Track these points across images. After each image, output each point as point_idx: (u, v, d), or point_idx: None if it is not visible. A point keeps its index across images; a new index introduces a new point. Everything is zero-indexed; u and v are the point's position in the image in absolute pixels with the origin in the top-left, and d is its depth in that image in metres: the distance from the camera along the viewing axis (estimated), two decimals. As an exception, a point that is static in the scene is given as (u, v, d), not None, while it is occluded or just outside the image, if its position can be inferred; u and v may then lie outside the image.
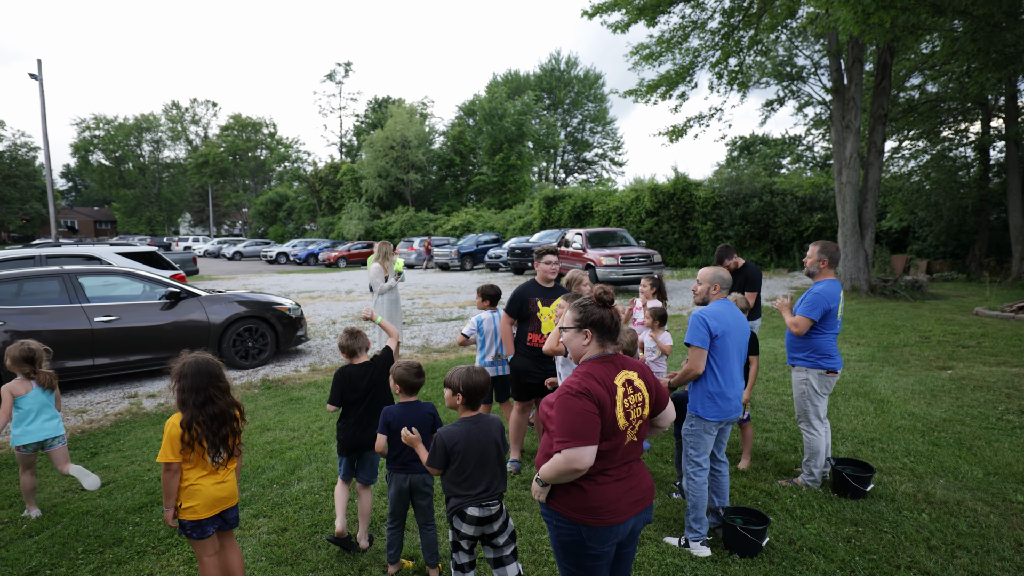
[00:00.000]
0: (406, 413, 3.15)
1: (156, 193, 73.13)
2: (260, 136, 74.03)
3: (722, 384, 3.42)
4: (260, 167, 73.68)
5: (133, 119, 72.79)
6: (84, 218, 78.99)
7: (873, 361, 7.88)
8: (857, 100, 14.07)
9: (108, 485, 4.48)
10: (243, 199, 72.57)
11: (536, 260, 4.72)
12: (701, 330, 3.42)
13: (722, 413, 3.43)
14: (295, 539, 3.63)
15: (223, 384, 2.81)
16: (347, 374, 3.55)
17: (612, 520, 2.16)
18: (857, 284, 14.44)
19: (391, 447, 3.14)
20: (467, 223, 37.15)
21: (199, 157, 68.41)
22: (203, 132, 77.93)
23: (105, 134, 70.98)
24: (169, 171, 75.38)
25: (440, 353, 9.10)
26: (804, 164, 31.32)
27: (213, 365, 2.81)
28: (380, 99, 59.89)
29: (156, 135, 74.48)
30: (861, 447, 4.90)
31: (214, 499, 2.74)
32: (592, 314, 2.27)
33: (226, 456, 2.79)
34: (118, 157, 72.00)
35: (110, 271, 7.94)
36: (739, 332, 3.50)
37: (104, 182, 72.56)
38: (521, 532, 3.63)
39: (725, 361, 3.44)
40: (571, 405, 2.09)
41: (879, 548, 3.36)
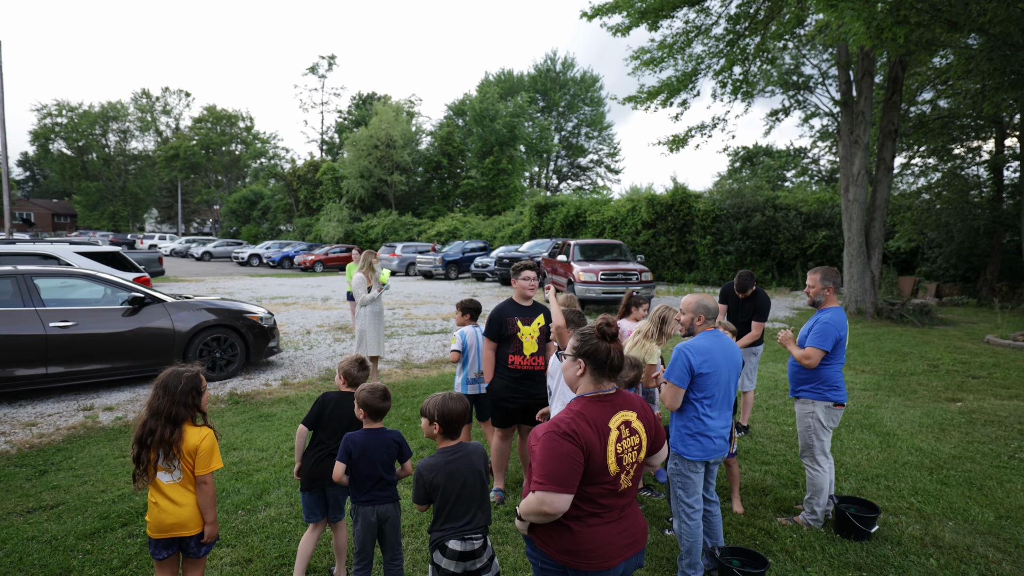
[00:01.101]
0: (370, 440, 3.10)
1: (121, 186, 72.34)
2: (235, 130, 73.84)
3: (706, 423, 3.41)
4: (234, 163, 73.36)
5: (99, 107, 72.18)
6: (41, 210, 78.00)
7: (879, 390, 7.95)
8: (866, 114, 14.30)
9: (58, 507, 4.38)
10: (215, 196, 72.12)
11: (513, 276, 4.63)
12: (679, 367, 3.41)
13: (705, 452, 3.42)
14: (260, 571, 3.56)
15: (175, 413, 2.76)
16: (330, 399, 3.49)
17: (601, 565, 2.15)
18: (863, 307, 14.59)
19: (353, 478, 3.09)
20: (453, 229, 37.16)
21: (169, 150, 67.95)
22: (174, 123, 77.56)
23: (68, 122, 70.17)
24: (136, 163, 74.69)
25: (421, 369, 9.05)
26: (809, 178, 31.76)
27: (187, 380, 2.82)
28: (365, 95, 60.03)
29: (123, 125, 73.84)
30: (865, 484, 4.92)
31: (157, 521, 2.77)
32: (588, 345, 2.26)
33: (151, 476, 2.76)
34: (81, 147, 71.16)
35: (69, 272, 7.83)
36: (728, 367, 3.46)
37: (65, 173, 71.61)
38: (504, 568, 3.59)
39: (710, 399, 3.42)
40: (554, 446, 2.07)
41: (884, 596, 3.36)
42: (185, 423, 2.80)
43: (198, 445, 2.78)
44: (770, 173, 35.59)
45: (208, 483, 2.82)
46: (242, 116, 74.52)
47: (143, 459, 2.75)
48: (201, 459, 2.79)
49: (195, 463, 2.79)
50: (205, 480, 2.81)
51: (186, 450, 2.77)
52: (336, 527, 3.58)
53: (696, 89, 17.06)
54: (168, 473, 2.77)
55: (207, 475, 2.81)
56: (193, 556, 2.88)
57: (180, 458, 2.77)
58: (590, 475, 2.11)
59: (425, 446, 5.54)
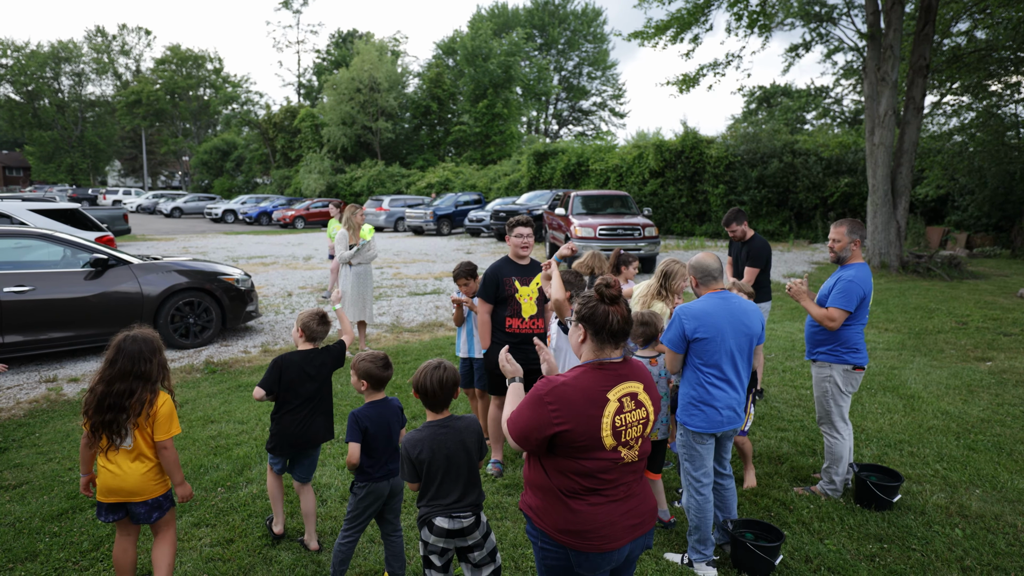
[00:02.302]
0: (380, 413, 3.11)
1: (79, 136, 70.97)
2: (203, 73, 72.22)
3: (710, 392, 3.37)
4: (203, 109, 72.02)
5: (48, 46, 70.17)
6: (-8, 164, 76.85)
7: (903, 350, 7.98)
8: (895, 49, 13.98)
9: (21, 487, 4.39)
10: (183, 146, 70.99)
11: (507, 233, 4.55)
12: (673, 331, 3.41)
13: (710, 424, 3.38)
14: (243, 552, 3.59)
15: (135, 369, 2.85)
16: (290, 361, 3.55)
17: (604, 546, 2.14)
18: (887, 260, 14.58)
19: (369, 455, 3.08)
20: (445, 180, 36.81)
21: (130, 95, 66.47)
22: (135, 66, 75.75)
23: (14, 63, 68.11)
24: (94, 110, 73.18)
25: (412, 333, 9.04)
26: (831, 120, 31.37)
27: (141, 344, 2.89)
28: (345, 33, 58.69)
29: (77, 67, 71.96)
30: (888, 450, 4.96)
31: (105, 486, 2.89)
32: (586, 308, 2.21)
33: (114, 443, 2.86)
34: (30, 91, 69.43)
35: (22, 232, 7.75)
36: (736, 334, 3.36)
37: (14, 121, 69.91)
38: (503, 545, 3.63)
39: (712, 367, 3.37)
40: (530, 410, 2.13)
41: (906, 568, 3.40)
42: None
43: (157, 410, 2.88)
44: (788, 115, 35.15)
45: (169, 447, 2.92)
46: (210, 57, 72.86)
47: (110, 421, 2.81)
48: (160, 424, 2.88)
49: (154, 429, 2.88)
50: (165, 445, 2.91)
51: (135, 414, 2.86)
52: (303, 490, 3.67)
53: (709, 23, 16.68)
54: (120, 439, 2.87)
55: (167, 440, 2.91)
56: (144, 522, 3.00)
57: (135, 425, 2.86)
58: (580, 448, 2.09)
59: (418, 416, 5.55)
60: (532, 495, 2.26)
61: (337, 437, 4.95)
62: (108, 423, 2.82)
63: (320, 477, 4.51)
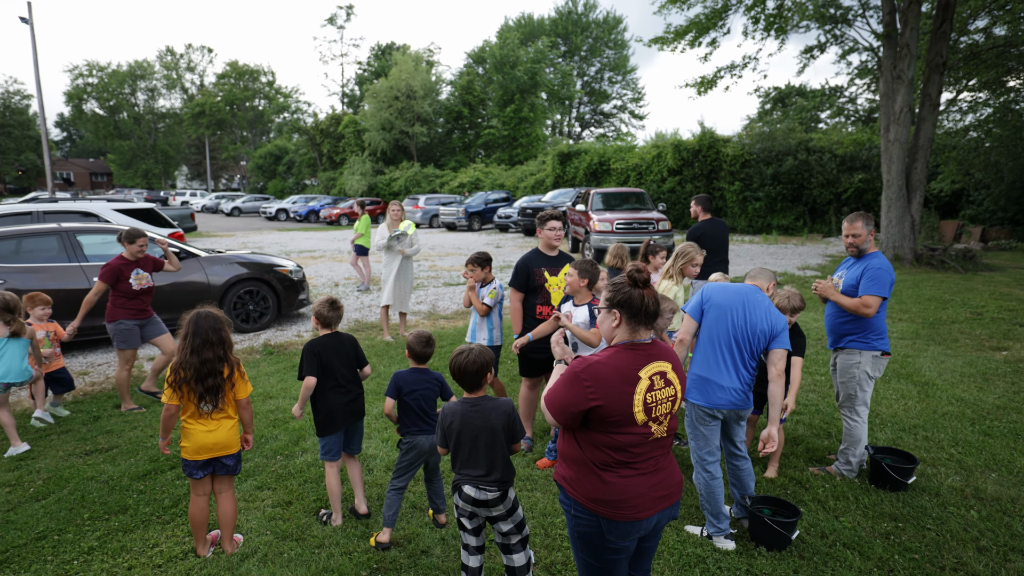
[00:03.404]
0: (417, 379, 3.38)
1: (152, 144, 72.93)
2: (258, 85, 73.36)
3: (711, 370, 3.31)
4: (258, 118, 73.19)
5: (127, 66, 72.12)
6: (80, 170, 79.41)
7: (917, 339, 7.72)
8: (912, 47, 13.44)
9: (112, 451, 4.60)
10: (241, 152, 72.35)
11: (539, 226, 4.58)
12: (694, 299, 3.51)
13: (708, 401, 3.30)
14: (300, 513, 3.68)
15: (214, 337, 3.09)
16: (322, 345, 3.56)
17: (634, 515, 2.13)
18: (900, 253, 14.11)
19: (402, 411, 3.37)
20: (475, 180, 36.76)
21: (195, 107, 68.00)
22: (199, 80, 77.32)
23: (99, 82, 70.42)
24: (165, 121, 74.99)
25: (447, 320, 9.07)
26: (845, 118, 30.41)
27: (214, 319, 3.14)
28: (383, 46, 58.89)
29: (151, 83, 73.85)
30: (902, 435, 4.80)
31: (200, 445, 3.14)
32: (620, 293, 2.17)
33: (211, 407, 3.13)
34: (112, 106, 71.66)
35: (108, 229, 7.96)
36: (740, 317, 3.29)
37: (99, 132, 72.42)
38: (533, 514, 3.63)
39: (707, 340, 3.35)
40: (567, 386, 2.12)
41: (921, 547, 3.29)
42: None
43: (235, 374, 3.20)
44: (803, 114, 34.17)
45: (248, 406, 3.30)
46: (264, 71, 73.85)
47: (213, 387, 3.09)
48: (239, 386, 3.22)
49: (236, 390, 3.21)
50: (246, 404, 3.28)
51: (228, 379, 3.18)
52: (351, 462, 3.78)
53: (726, 27, 16.27)
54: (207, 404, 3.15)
55: (246, 399, 3.26)
56: (230, 473, 3.27)
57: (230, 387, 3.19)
58: (613, 423, 2.08)
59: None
60: (566, 467, 2.25)
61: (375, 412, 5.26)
62: (210, 388, 3.09)
63: (367, 449, 4.56)
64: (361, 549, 3.30)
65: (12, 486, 4.04)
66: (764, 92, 35.24)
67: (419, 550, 3.29)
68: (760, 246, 18.72)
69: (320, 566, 3.14)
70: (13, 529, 3.51)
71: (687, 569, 3.13)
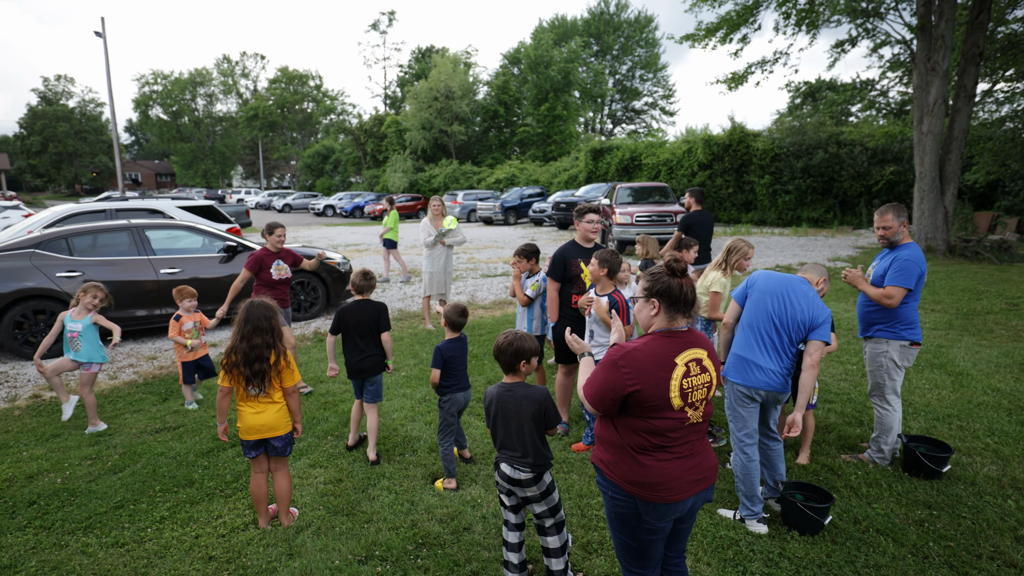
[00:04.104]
0: (454, 345, 3.80)
1: (210, 146, 75.08)
2: (307, 89, 74.44)
3: (747, 348, 3.30)
4: (307, 120, 74.36)
5: (188, 73, 74.39)
6: (146, 171, 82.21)
7: (951, 330, 7.41)
8: (947, 38, 12.83)
9: (179, 429, 4.77)
10: (291, 152, 73.70)
11: (577, 219, 4.57)
12: (740, 287, 3.52)
13: (746, 380, 3.25)
14: (350, 490, 3.74)
15: (265, 325, 3.17)
16: (344, 309, 4.16)
17: (671, 497, 2.11)
18: (933, 244, 13.57)
19: (445, 374, 3.76)
20: (511, 176, 36.67)
21: (249, 110, 69.47)
22: (252, 85, 78.91)
23: (163, 89, 72.95)
24: (222, 124, 77.01)
25: (485, 310, 9.09)
26: (876, 111, 29.23)
27: (266, 308, 3.22)
28: (423, 49, 59.00)
29: (209, 89, 75.98)
30: (936, 424, 4.62)
31: (249, 425, 3.24)
32: (659, 283, 2.14)
33: (257, 391, 3.20)
34: (175, 111, 74.06)
35: (172, 225, 8.20)
36: (779, 303, 3.27)
37: (163, 136, 75.05)
38: (570, 495, 3.62)
39: (748, 322, 3.34)
40: (603, 372, 2.10)
41: (956, 535, 3.17)
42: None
43: (283, 362, 3.25)
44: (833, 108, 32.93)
45: (295, 393, 3.34)
46: (312, 75, 74.86)
47: (259, 372, 3.15)
48: (288, 373, 3.26)
49: (282, 378, 3.25)
50: (292, 392, 3.32)
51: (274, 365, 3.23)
52: (370, 410, 4.22)
53: (757, 23, 15.83)
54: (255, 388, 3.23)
55: (292, 387, 3.30)
56: (279, 454, 3.35)
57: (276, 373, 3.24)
58: (651, 408, 2.05)
59: (492, 381, 5.59)
60: (603, 450, 2.23)
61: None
62: (257, 373, 3.15)
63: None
64: (407, 524, 3.35)
65: (93, 459, 4.23)
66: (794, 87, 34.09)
67: (462, 527, 3.32)
68: (790, 238, 18.24)
69: (369, 540, 3.19)
70: (95, 498, 3.68)
71: (720, 551, 3.08)
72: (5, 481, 3.91)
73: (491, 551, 3.09)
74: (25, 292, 6.64)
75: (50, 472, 4.05)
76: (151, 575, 2.97)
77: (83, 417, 5.00)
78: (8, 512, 3.54)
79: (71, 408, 5.07)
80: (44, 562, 3.07)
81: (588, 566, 2.98)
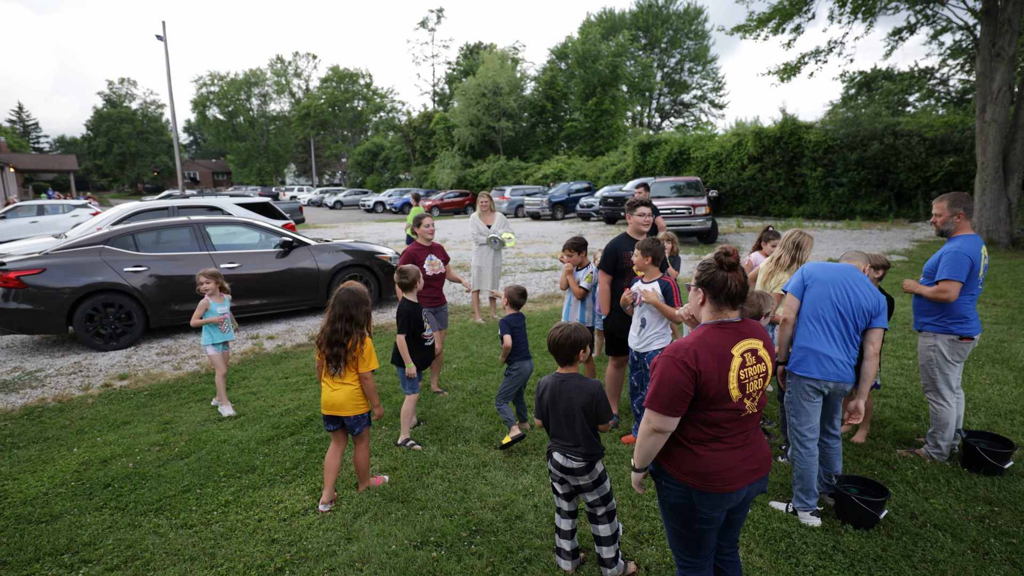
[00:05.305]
0: (517, 319, 4.30)
1: (264, 145, 77.20)
2: (357, 87, 75.70)
3: (813, 340, 3.20)
4: (357, 118, 75.72)
5: (243, 74, 76.61)
6: (204, 170, 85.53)
7: (1013, 324, 7.08)
8: (1014, 22, 12.13)
9: (239, 418, 4.96)
10: (342, 150, 75.28)
11: (628, 212, 4.58)
12: (795, 279, 3.40)
13: (815, 372, 3.17)
14: (405, 478, 3.85)
15: (347, 313, 3.36)
16: (407, 309, 4.34)
17: (725, 488, 2.11)
18: (995, 237, 12.90)
19: (514, 344, 4.19)
20: (558, 171, 36.54)
21: (302, 109, 71.18)
22: (304, 85, 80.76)
23: (219, 90, 75.23)
24: (275, 123, 79.02)
25: (534, 304, 9.16)
26: (935, 101, 27.81)
27: (352, 295, 3.42)
28: (471, 46, 59.30)
29: (263, 89, 77.94)
30: (997, 419, 4.45)
31: (325, 401, 3.49)
32: (706, 274, 2.16)
33: (334, 370, 3.40)
34: (231, 111, 76.30)
35: (231, 221, 8.48)
36: (839, 292, 3.20)
37: (219, 135, 77.49)
38: (621, 486, 3.65)
39: (817, 320, 3.22)
40: (666, 372, 2.05)
41: (1020, 532, 3.07)
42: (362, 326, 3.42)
43: (361, 349, 3.42)
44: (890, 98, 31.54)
45: (368, 379, 3.47)
46: (362, 74, 76.00)
47: (335, 355, 3.37)
48: (363, 360, 3.43)
49: (358, 363, 3.42)
50: (366, 377, 3.46)
51: (350, 351, 3.38)
52: (410, 398, 4.38)
53: (811, 12, 15.30)
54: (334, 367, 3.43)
55: (367, 372, 3.45)
56: (352, 433, 3.56)
57: (352, 358, 3.40)
58: (710, 400, 2.05)
59: (541, 374, 5.65)
60: (658, 440, 2.25)
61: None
62: (334, 356, 3.37)
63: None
64: (461, 512, 3.42)
65: (161, 446, 4.43)
66: (849, 77, 32.72)
67: (514, 515, 3.37)
68: (843, 231, 17.61)
69: (424, 526, 3.27)
70: (164, 482, 3.86)
71: (773, 542, 3.07)
72: (82, 464, 4.12)
73: (543, 539, 3.14)
74: (96, 286, 6.88)
75: (122, 457, 4.23)
76: (218, 555, 3.09)
77: (148, 405, 5.28)
78: (86, 493, 3.75)
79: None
80: (120, 540, 3.24)
81: (639, 555, 3.00)
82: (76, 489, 3.80)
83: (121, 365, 6.52)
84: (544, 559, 2.97)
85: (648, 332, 4.05)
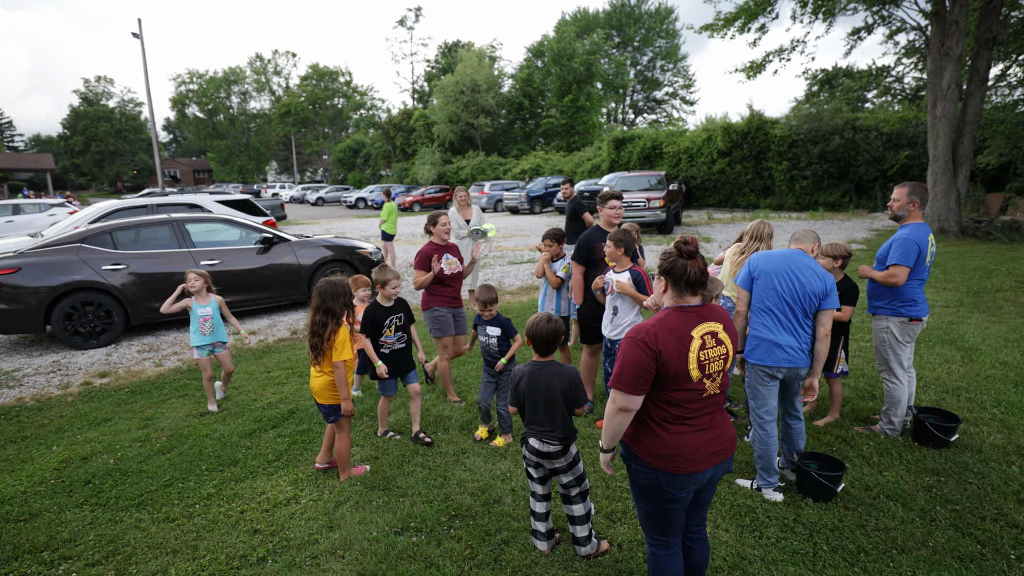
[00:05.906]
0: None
1: (245, 143, 75.76)
2: (337, 85, 74.54)
3: (765, 330, 3.25)
4: (338, 115, 74.64)
5: (222, 72, 74.90)
6: (184, 168, 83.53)
7: (961, 307, 7.29)
8: (961, 24, 12.45)
9: (222, 412, 4.88)
10: (323, 147, 74.17)
11: (600, 205, 4.59)
12: (743, 271, 3.44)
13: (765, 360, 3.24)
14: (386, 467, 3.84)
15: (323, 305, 3.39)
16: (370, 310, 4.19)
17: (691, 469, 2.15)
18: (945, 226, 13.26)
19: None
20: (536, 167, 36.50)
21: (282, 107, 69.88)
22: (285, 83, 79.30)
23: (198, 88, 73.42)
24: (256, 121, 77.52)
25: (512, 295, 9.18)
26: (891, 97, 28.37)
27: (331, 287, 3.43)
28: (450, 44, 58.75)
29: (243, 87, 76.34)
30: (946, 396, 4.60)
31: (310, 386, 3.62)
32: (667, 262, 2.20)
33: (314, 360, 3.48)
34: (211, 109, 74.63)
35: (211, 218, 8.31)
36: (786, 279, 3.22)
37: (199, 133, 75.73)
38: (594, 468, 3.68)
39: (767, 311, 3.26)
40: (628, 352, 2.10)
41: (963, 499, 3.19)
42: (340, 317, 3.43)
43: (335, 339, 3.43)
44: (850, 95, 32.08)
45: (339, 368, 3.45)
46: (342, 72, 74.82)
47: (315, 344, 3.42)
48: (335, 349, 3.43)
49: (331, 353, 3.43)
50: (337, 366, 3.45)
51: (326, 340, 3.41)
52: (414, 394, 4.24)
53: (774, 12, 15.47)
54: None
55: (338, 362, 3.44)
56: (327, 421, 3.65)
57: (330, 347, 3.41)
58: (671, 379, 2.09)
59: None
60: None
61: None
62: (314, 345, 3.43)
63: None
64: (440, 498, 3.43)
65: (142, 442, 4.34)
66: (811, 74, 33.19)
67: (492, 500, 3.39)
68: (807, 222, 17.92)
69: (404, 512, 3.27)
70: (145, 477, 3.79)
71: (738, 517, 3.14)
72: (62, 462, 4.03)
73: (520, 521, 3.16)
74: (73, 285, 6.71)
75: (103, 453, 4.15)
76: (201, 547, 3.05)
77: (129, 402, 5.19)
78: (66, 490, 3.66)
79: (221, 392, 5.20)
80: (101, 536, 3.18)
81: (612, 534, 3.05)
82: (56, 487, 3.71)
83: (101, 363, 6.38)
84: (521, 541, 3.00)
85: (620, 320, 4.10)
